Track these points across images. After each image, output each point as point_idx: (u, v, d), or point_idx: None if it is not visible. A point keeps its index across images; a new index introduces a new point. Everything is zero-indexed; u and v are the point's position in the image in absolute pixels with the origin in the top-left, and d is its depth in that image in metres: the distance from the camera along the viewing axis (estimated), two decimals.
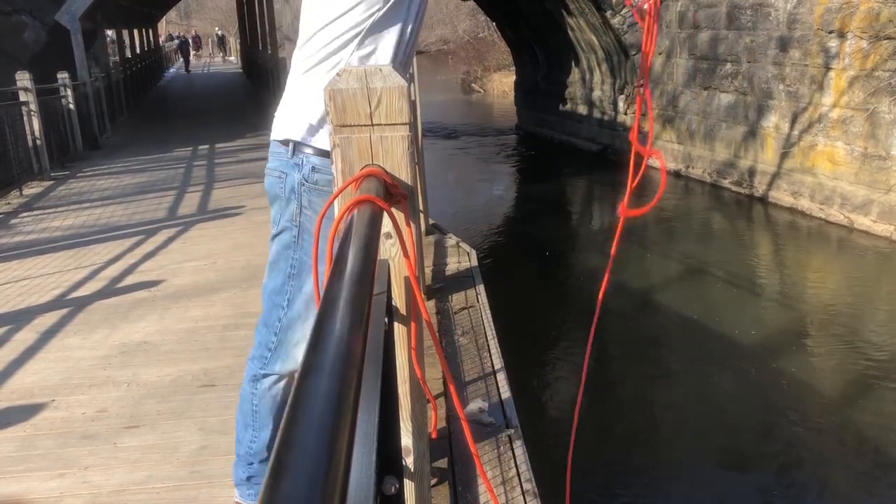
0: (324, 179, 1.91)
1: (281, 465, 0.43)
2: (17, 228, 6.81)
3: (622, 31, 13.29)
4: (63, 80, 10.96)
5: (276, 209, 1.99)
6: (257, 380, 2.09)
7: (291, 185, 1.93)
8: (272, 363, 2.05)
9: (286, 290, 1.98)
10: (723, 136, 11.58)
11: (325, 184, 1.90)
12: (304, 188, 1.92)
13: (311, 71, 1.93)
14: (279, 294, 2.00)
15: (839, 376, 5.68)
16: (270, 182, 1.99)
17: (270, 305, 2.03)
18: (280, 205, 1.97)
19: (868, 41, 8.65)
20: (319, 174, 1.92)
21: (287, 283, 1.98)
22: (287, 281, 1.98)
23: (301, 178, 1.92)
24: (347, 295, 0.73)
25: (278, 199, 1.97)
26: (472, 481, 2.44)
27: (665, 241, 9.63)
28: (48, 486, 2.60)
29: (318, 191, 1.92)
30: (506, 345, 3.49)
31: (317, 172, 1.92)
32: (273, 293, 2.01)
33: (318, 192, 1.93)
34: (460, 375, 3.23)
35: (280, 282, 1.99)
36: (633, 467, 4.83)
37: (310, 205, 1.93)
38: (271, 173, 1.99)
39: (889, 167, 8.46)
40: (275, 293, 2.01)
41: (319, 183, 1.92)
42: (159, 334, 4.00)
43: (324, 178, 1.91)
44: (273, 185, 1.99)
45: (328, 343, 0.62)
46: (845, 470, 4.51)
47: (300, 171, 1.93)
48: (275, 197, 1.99)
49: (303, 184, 1.92)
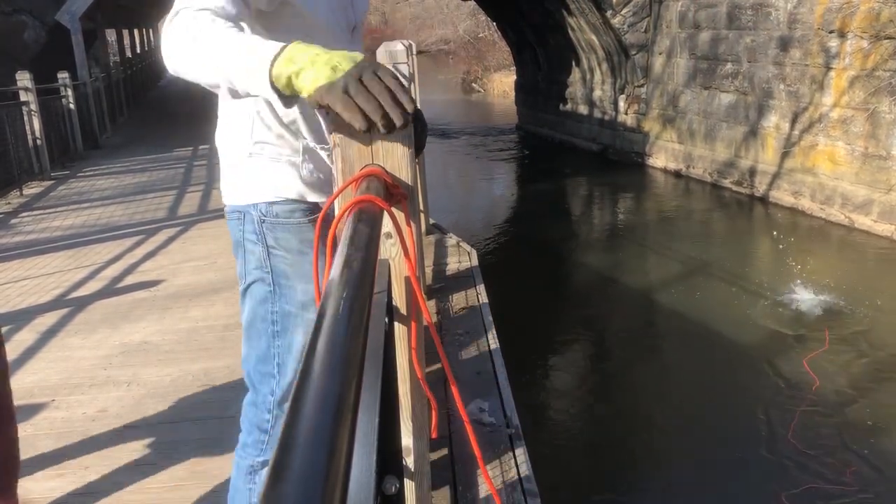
0: (284, 211, 1.63)
1: (281, 466, 0.43)
2: (17, 228, 6.81)
3: (622, 30, 13.29)
4: (63, 80, 10.97)
5: (240, 258, 1.69)
6: (255, 471, 1.72)
7: (252, 225, 1.64)
8: (271, 447, 1.64)
9: (273, 355, 1.65)
10: (723, 136, 11.58)
11: (288, 214, 1.63)
12: (266, 225, 1.63)
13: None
14: (265, 362, 1.66)
15: (840, 376, 5.67)
16: (232, 227, 1.70)
17: (258, 378, 1.68)
18: (241, 251, 1.68)
19: (868, 41, 8.65)
20: (279, 206, 1.63)
21: (272, 345, 1.65)
22: (272, 343, 1.64)
23: (259, 214, 1.63)
24: (348, 295, 0.73)
25: (240, 245, 1.67)
26: (472, 481, 2.43)
27: (665, 241, 9.63)
28: (48, 486, 2.60)
29: (282, 224, 1.63)
30: (506, 345, 3.49)
31: (276, 205, 1.63)
32: (258, 363, 1.67)
33: (282, 226, 1.63)
34: (460, 375, 3.23)
35: (264, 347, 1.66)
36: (633, 467, 4.83)
37: (278, 243, 1.63)
38: (230, 215, 1.71)
39: (889, 167, 8.45)
40: (260, 362, 1.67)
41: (281, 215, 1.63)
42: (159, 334, 4.00)
43: (284, 209, 1.63)
44: (234, 228, 1.69)
45: (328, 343, 0.62)
46: (846, 470, 4.51)
47: (256, 208, 1.63)
48: (237, 243, 1.69)
49: (262, 220, 1.63)
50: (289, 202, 1.63)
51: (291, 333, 1.64)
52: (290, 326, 1.63)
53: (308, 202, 1.65)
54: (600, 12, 13.14)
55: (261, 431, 1.69)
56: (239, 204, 1.67)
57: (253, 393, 1.70)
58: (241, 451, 1.74)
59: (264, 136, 1.60)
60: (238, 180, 1.66)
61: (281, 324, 1.64)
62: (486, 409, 2.83)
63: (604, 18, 13.24)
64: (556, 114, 17.03)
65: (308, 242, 1.62)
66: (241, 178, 1.65)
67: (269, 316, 1.64)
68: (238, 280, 1.70)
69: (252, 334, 1.67)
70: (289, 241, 1.63)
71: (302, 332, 1.63)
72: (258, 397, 1.68)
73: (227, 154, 1.68)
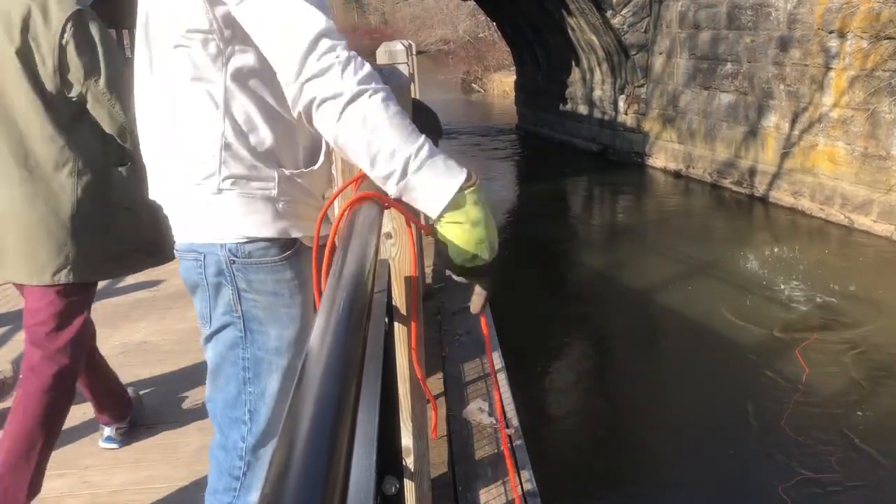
0: (258, 249, 1.43)
1: (281, 466, 0.43)
2: None
3: (622, 30, 13.29)
4: None
5: (201, 300, 1.48)
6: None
7: (217, 265, 1.43)
8: (244, 494, 1.55)
9: (244, 401, 1.50)
10: (723, 136, 11.58)
11: (262, 253, 1.43)
12: (236, 266, 1.43)
13: None
14: (235, 408, 1.51)
15: (840, 376, 5.68)
16: (187, 268, 1.48)
17: (227, 423, 1.53)
18: (204, 295, 1.47)
19: (868, 41, 8.65)
20: (251, 244, 1.42)
21: (243, 390, 1.50)
22: (243, 388, 1.49)
23: (227, 255, 1.42)
24: (347, 295, 0.73)
25: (200, 288, 1.47)
26: (472, 481, 2.43)
27: (665, 241, 9.63)
28: (48, 486, 2.60)
29: (256, 266, 1.43)
30: (506, 345, 3.49)
31: (248, 243, 1.42)
32: (227, 408, 1.52)
33: (256, 267, 1.43)
34: (460, 375, 3.24)
35: (233, 392, 1.50)
36: (633, 465, 4.83)
37: (250, 286, 1.44)
38: (184, 255, 1.48)
39: (889, 167, 8.46)
40: (229, 407, 1.52)
41: (254, 255, 1.43)
42: (159, 334, 4.00)
43: (257, 247, 1.43)
44: (189, 270, 1.47)
45: (328, 343, 0.62)
46: (846, 469, 4.51)
47: (223, 248, 1.42)
48: (194, 285, 1.48)
49: (232, 261, 1.42)
50: (262, 238, 1.43)
51: (265, 380, 1.49)
52: (262, 373, 1.49)
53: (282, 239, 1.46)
54: (600, 12, 13.14)
55: (232, 478, 1.55)
56: (200, 242, 1.44)
57: (221, 436, 1.56)
58: (211, 497, 1.60)
59: (235, 169, 1.39)
60: (198, 221, 1.44)
61: (253, 370, 1.49)
62: (486, 409, 2.83)
63: (604, 18, 13.24)
64: (556, 114, 17.04)
65: (283, 283, 1.46)
66: (202, 218, 1.43)
67: (240, 362, 1.48)
68: (199, 322, 1.52)
69: (219, 377, 1.52)
70: (263, 284, 1.45)
71: (277, 379, 1.49)
72: (227, 442, 1.55)
73: (185, 190, 1.44)
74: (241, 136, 1.39)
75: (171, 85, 1.41)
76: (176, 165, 1.44)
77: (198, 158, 1.40)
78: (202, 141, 1.39)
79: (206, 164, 1.39)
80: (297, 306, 1.49)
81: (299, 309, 1.49)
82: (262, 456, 1.52)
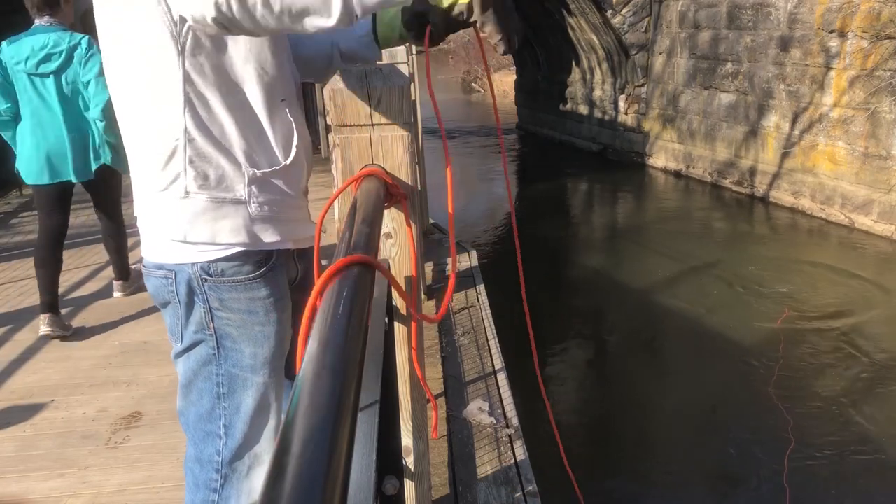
0: (231, 268, 1.37)
1: (281, 466, 0.43)
2: (17, 228, 6.80)
3: (623, 30, 13.29)
4: None
5: (171, 317, 1.43)
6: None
7: (188, 283, 1.38)
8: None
9: (218, 415, 1.45)
10: (723, 136, 11.58)
11: (235, 271, 1.38)
12: (208, 285, 1.37)
13: None
14: (209, 421, 1.46)
15: (841, 376, 5.67)
16: (157, 285, 1.42)
17: (200, 436, 1.48)
18: (175, 311, 1.41)
19: (869, 41, 8.65)
20: (224, 262, 1.37)
21: (217, 405, 1.45)
22: (217, 403, 1.45)
23: (199, 273, 1.36)
24: (347, 295, 0.73)
25: (171, 305, 1.42)
26: (472, 481, 2.43)
27: (665, 241, 9.63)
28: (48, 486, 2.60)
29: (229, 285, 1.38)
30: (506, 345, 3.49)
31: (219, 260, 1.37)
32: (199, 421, 1.47)
33: (229, 286, 1.38)
34: (460, 375, 3.23)
35: (207, 406, 1.45)
36: (633, 465, 4.83)
37: (223, 305, 1.39)
38: (153, 272, 1.41)
39: (890, 167, 8.45)
40: (202, 421, 1.47)
41: (227, 273, 1.37)
42: (159, 334, 3.99)
43: (230, 265, 1.37)
44: (159, 288, 1.41)
45: (328, 343, 0.62)
46: (845, 470, 4.51)
47: (195, 265, 1.36)
48: (164, 302, 1.43)
49: (203, 280, 1.37)
50: (236, 255, 1.37)
51: (240, 396, 1.44)
52: (237, 389, 1.44)
53: (256, 255, 1.39)
54: (600, 12, 13.14)
55: (209, 490, 1.50)
56: (169, 263, 1.38)
57: (195, 449, 1.50)
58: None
59: (202, 169, 1.31)
60: (166, 231, 1.36)
61: (227, 386, 1.44)
62: (486, 409, 2.83)
63: (604, 18, 13.24)
64: (556, 114, 17.04)
65: (258, 301, 1.40)
66: (170, 227, 1.35)
67: (214, 378, 1.43)
68: (170, 338, 1.47)
69: (191, 391, 1.46)
70: (237, 302, 1.39)
71: (252, 396, 1.44)
72: (202, 455, 1.49)
73: (149, 197, 1.37)
74: (205, 130, 1.30)
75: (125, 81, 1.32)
76: (141, 170, 1.36)
77: (161, 159, 1.31)
78: (164, 139, 1.30)
79: (169, 168, 1.31)
80: (272, 324, 1.43)
81: (275, 326, 1.44)
82: (240, 468, 1.48)
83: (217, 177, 1.32)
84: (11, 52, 3.65)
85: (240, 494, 1.48)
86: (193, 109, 1.29)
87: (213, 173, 1.32)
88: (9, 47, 3.67)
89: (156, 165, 1.32)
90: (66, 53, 3.63)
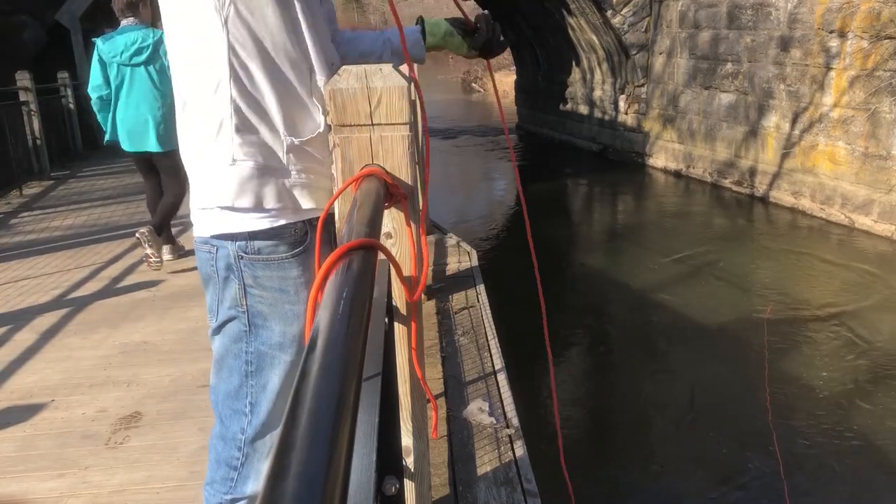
0: (267, 246, 1.47)
1: (281, 466, 0.43)
2: (17, 228, 6.81)
3: (623, 30, 13.29)
4: (63, 79, 10.96)
5: (212, 294, 1.54)
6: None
7: (226, 260, 1.48)
8: (241, 484, 1.57)
9: (245, 393, 1.53)
10: (723, 136, 11.58)
11: (270, 250, 1.47)
12: (244, 262, 1.47)
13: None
14: (236, 399, 1.54)
15: (841, 376, 5.67)
16: (202, 259, 1.53)
17: (228, 413, 1.56)
18: (215, 288, 1.52)
19: (869, 41, 8.65)
20: (260, 241, 1.47)
21: (245, 383, 1.53)
22: (245, 381, 1.53)
23: (236, 250, 1.47)
24: (347, 295, 0.73)
25: (212, 281, 1.52)
26: (472, 481, 2.43)
27: (665, 241, 9.63)
28: (48, 486, 2.60)
29: (263, 262, 1.48)
30: (506, 345, 3.49)
31: (257, 239, 1.47)
32: (228, 398, 1.55)
33: (263, 264, 1.48)
34: (460, 375, 3.23)
35: (235, 383, 1.53)
36: (633, 465, 4.83)
37: (256, 282, 1.48)
38: (200, 247, 1.53)
39: (890, 167, 8.45)
40: (230, 398, 1.55)
41: (263, 251, 1.47)
42: (159, 334, 4.00)
43: (266, 244, 1.47)
44: (204, 262, 1.52)
45: (328, 343, 0.61)
46: (845, 470, 4.51)
47: (234, 242, 1.47)
48: (207, 277, 1.53)
49: (241, 257, 1.47)
50: (272, 235, 1.47)
51: (267, 374, 1.52)
52: (265, 367, 1.52)
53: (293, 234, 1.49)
54: (600, 12, 13.14)
55: (229, 468, 1.57)
56: (216, 233, 1.48)
57: (221, 427, 1.57)
58: (209, 487, 1.61)
59: (246, 135, 1.42)
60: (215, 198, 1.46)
61: (256, 364, 1.52)
62: (486, 409, 2.83)
63: (604, 18, 13.24)
64: (556, 114, 17.04)
65: (290, 281, 1.49)
66: (218, 194, 1.45)
67: (243, 355, 1.52)
68: (208, 315, 1.56)
69: (223, 368, 1.54)
70: (269, 280, 1.48)
71: (278, 374, 1.51)
72: (227, 433, 1.56)
73: (199, 169, 1.47)
74: (249, 100, 1.41)
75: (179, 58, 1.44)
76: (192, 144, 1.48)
77: (211, 131, 1.42)
78: (214, 111, 1.41)
79: (220, 136, 1.42)
80: (301, 303, 1.50)
81: (304, 305, 1.49)
82: (260, 448, 1.54)
83: (260, 144, 1.43)
84: (107, 47, 4.58)
85: (258, 474, 1.53)
86: (238, 80, 1.39)
87: (256, 141, 1.43)
88: (104, 44, 4.59)
89: (207, 137, 1.43)
90: (153, 47, 4.57)
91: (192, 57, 1.42)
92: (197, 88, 1.42)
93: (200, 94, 1.42)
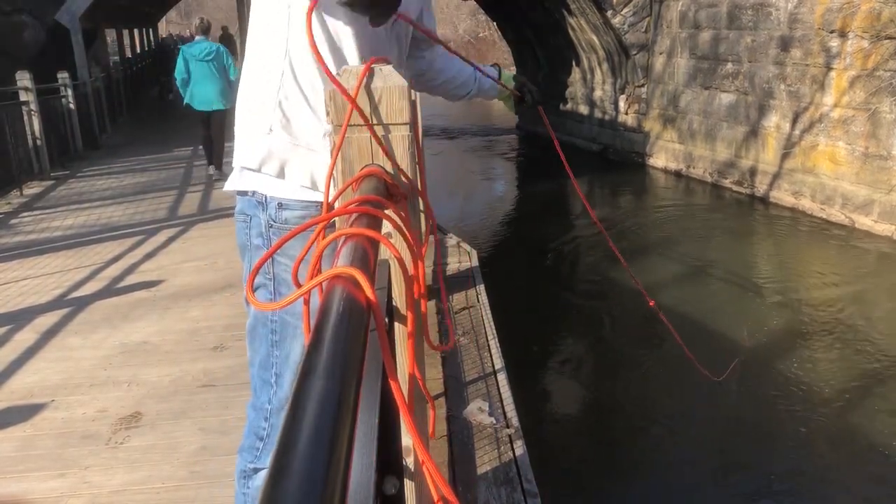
0: (294, 217, 1.58)
1: (281, 466, 0.43)
2: (17, 228, 6.80)
3: (623, 30, 13.29)
4: (63, 79, 10.95)
5: (247, 263, 1.65)
6: (247, 476, 1.69)
7: (258, 229, 1.60)
8: (265, 454, 1.65)
9: (272, 363, 1.62)
10: (724, 136, 11.57)
11: (297, 221, 1.58)
12: (273, 230, 1.58)
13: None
14: (265, 369, 1.63)
15: (840, 376, 5.67)
16: (238, 229, 1.66)
17: (259, 384, 1.66)
18: (249, 256, 1.64)
19: (869, 41, 8.64)
20: (289, 211, 1.58)
21: (271, 353, 1.62)
22: (271, 351, 1.62)
23: (267, 218, 1.58)
24: (348, 295, 0.73)
25: (246, 249, 1.64)
26: (472, 481, 2.43)
27: (665, 241, 9.63)
28: (48, 486, 2.60)
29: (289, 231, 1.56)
30: (506, 345, 3.49)
31: (285, 209, 1.58)
32: (260, 369, 1.65)
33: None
34: (460, 375, 3.23)
35: (264, 353, 1.63)
36: (634, 466, 4.83)
37: (283, 251, 1.55)
38: (237, 218, 1.66)
39: (890, 167, 8.45)
40: (261, 368, 1.64)
41: (290, 221, 1.58)
42: (159, 334, 4.00)
43: (294, 214, 1.58)
44: (240, 232, 1.65)
45: (328, 343, 0.61)
46: (845, 470, 4.51)
47: (265, 211, 1.58)
48: (243, 246, 1.65)
49: (270, 225, 1.58)
50: (300, 207, 1.56)
51: (290, 344, 1.59)
52: (287, 336, 1.59)
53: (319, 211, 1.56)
54: (601, 12, 13.14)
55: (257, 438, 1.66)
56: (240, 189, 1.61)
57: (254, 396, 1.67)
58: (239, 454, 1.72)
59: (287, 110, 1.55)
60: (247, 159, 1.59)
61: (280, 333, 1.59)
62: (486, 409, 2.82)
63: (604, 18, 13.24)
64: (557, 114, 17.03)
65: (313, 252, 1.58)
66: (251, 156, 1.58)
67: (269, 324, 1.60)
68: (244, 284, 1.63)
69: (255, 338, 1.64)
70: (293, 249, 1.53)
71: (300, 344, 1.57)
72: (258, 402, 1.66)
73: (245, 129, 1.61)
74: (297, 81, 1.54)
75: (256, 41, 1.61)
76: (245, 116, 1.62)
77: (258, 104, 1.57)
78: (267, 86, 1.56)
79: (265, 108, 1.55)
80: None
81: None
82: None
83: (298, 123, 1.55)
84: (191, 50, 8.05)
85: None
86: (290, 63, 1.54)
87: (295, 118, 1.55)
88: (189, 49, 8.07)
89: (258, 105, 1.58)
90: (216, 52, 8.12)
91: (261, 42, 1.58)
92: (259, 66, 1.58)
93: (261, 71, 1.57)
